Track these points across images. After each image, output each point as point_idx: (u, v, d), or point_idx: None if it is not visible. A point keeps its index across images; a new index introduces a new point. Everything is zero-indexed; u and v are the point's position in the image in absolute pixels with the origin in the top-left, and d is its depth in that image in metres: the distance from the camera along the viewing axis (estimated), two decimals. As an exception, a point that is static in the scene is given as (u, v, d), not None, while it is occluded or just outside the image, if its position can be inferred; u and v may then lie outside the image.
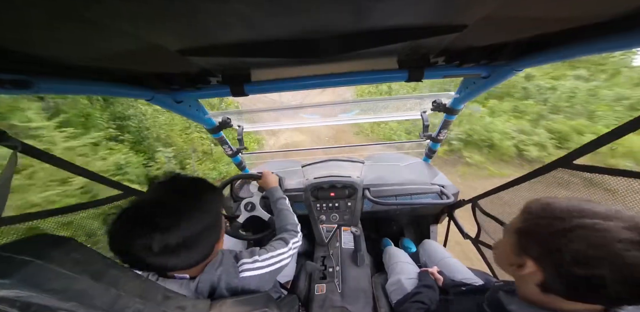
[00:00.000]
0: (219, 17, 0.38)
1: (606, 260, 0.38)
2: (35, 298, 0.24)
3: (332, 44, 0.53)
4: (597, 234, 0.39)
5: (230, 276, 0.63)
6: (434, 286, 0.91)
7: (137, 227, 0.46)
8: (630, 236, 0.38)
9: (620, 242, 0.38)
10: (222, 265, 0.64)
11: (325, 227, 1.41)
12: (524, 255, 0.48)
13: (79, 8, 0.32)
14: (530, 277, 0.47)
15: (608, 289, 0.38)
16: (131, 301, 0.32)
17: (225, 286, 0.62)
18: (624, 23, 0.45)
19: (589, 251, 0.39)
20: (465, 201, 1.37)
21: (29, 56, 0.48)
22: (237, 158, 1.69)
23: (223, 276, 0.62)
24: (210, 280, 0.61)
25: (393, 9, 0.40)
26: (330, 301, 1.05)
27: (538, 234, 0.46)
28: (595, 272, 0.39)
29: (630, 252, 0.37)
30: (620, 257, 0.37)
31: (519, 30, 0.56)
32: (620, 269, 0.37)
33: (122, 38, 0.44)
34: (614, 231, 0.39)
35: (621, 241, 0.38)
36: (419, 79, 0.80)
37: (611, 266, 0.38)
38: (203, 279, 0.60)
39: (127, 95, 0.77)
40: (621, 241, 0.38)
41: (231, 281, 0.63)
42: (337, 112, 1.50)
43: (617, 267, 0.37)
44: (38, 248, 0.30)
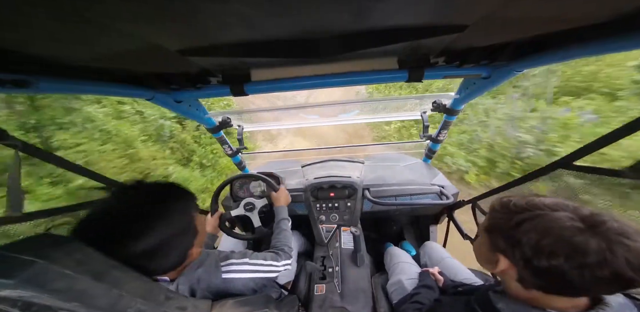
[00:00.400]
0: (219, 17, 0.38)
1: (558, 247, 0.40)
2: (37, 298, 0.24)
3: (332, 44, 0.53)
4: (546, 224, 0.42)
5: (210, 276, 0.63)
6: (433, 287, 0.91)
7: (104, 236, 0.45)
8: (574, 223, 0.40)
9: (566, 229, 0.40)
10: (202, 266, 0.63)
11: (325, 227, 1.41)
12: (495, 252, 0.50)
13: (79, 8, 0.32)
14: (508, 274, 0.49)
15: (569, 277, 0.40)
16: (133, 302, 0.32)
17: (205, 287, 0.61)
18: (624, 24, 0.45)
19: (541, 240, 0.41)
20: (465, 202, 1.37)
21: (30, 56, 0.48)
22: (237, 158, 1.69)
23: (203, 276, 0.62)
24: (189, 281, 0.60)
25: (393, 9, 0.40)
26: (329, 301, 1.05)
27: (500, 229, 0.48)
28: (552, 262, 0.40)
29: (577, 237, 0.39)
30: (569, 243, 0.39)
31: (520, 30, 0.56)
32: (572, 256, 0.39)
33: (122, 38, 0.44)
34: (560, 220, 0.41)
35: (567, 228, 0.40)
36: (419, 80, 0.80)
37: (565, 253, 0.39)
38: (181, 281, 0.59)
39: (127, 95, 0.77)
40: (567, 228, 0.40)
41: (211, 282, 0.62)
42: (338, 112, 1.50)
43: (570, 255, 0.39)
44: (40, 248, 0.30)
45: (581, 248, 0.38)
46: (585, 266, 0.38)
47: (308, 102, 5.55)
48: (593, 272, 0.38)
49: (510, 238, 0.46)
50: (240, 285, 0.67)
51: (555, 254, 0.40)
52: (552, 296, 0.46)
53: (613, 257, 0.37)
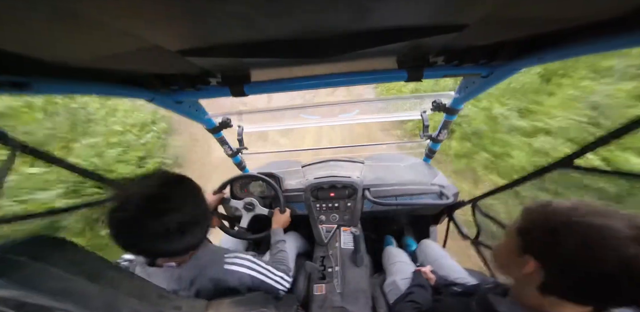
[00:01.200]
0: (218, 17, 0.38)
1: (606, 255, 0.38)
2: (31, 298, 0.24)
3: (331, 44, 0.53)
4: (596, 230, 0.40)
5: (214, 265, 0.66)
6: (426, 286, 0.91)
7: (140, 214, 0.50)
8: (630, 233, 0.38)
9: (619, 238, 0.38)
10: (209, 255, 0.67)
11: (324, 227, 1.41)
12: (525, 254, 0.48)
13: (79, 8, 0.32)
14: (531, 278, 0.47)
15: (609, 286, 0.39)
16: (127, 301, 0.32)
17: (208, 275, 0.64)
18: (624, 22, 0.45)
19: (587, 246, 0.40)
20: (465, 202, 1.37)
21: (29, 57, 0.48)
22: (237, 158, 1.69)
23: (208, 264, 0.65)
24: (194, 267, 0.63)
25: (393, 8, 0.40)
26: (329, 301, 1.05)
27: (537, 231, 0.47)
28: (595, 268, 0.39)
29: (630, 248, 0.37)
30: (620, 252, 0.38)
31: (519, 29, 0.56)
32: (622, 265, 0.37)
33: (121, 39, 0.44)
34: (613, 228, 0.39)
35: (620, 238, 0.38)
36: (419, 79, 0.80)
37: (612, 262, 0.38)
38: (188, 266, 0.63)
39: (127, 96, 0.77)
40: (620, 237, 0.38)
41: (214, 271, 0.65)
42: (338, 112, 1.50)
43: (618, 263, 0.38)
44: (34, 249, 0.30)
45: (630, 257, 0.37)
46: (633, 276, 0.37)
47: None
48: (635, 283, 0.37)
49: (549, 241, 0.44)
50: (237, 278, 0.68)
51: (601, 261, 0.39)
52: (565, 303, 0.45)
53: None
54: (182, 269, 0.62)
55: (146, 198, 0.52)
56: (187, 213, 0.56)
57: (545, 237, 0.45)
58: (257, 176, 1.34)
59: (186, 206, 0.56)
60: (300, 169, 1.59)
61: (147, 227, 0.50)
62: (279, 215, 1.22)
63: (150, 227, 0.50)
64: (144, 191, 0.53)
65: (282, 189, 1.47)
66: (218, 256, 0.68)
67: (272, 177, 1.46)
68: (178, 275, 0.62)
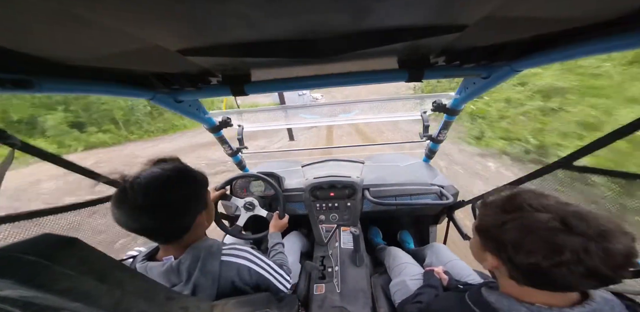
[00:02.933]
0: (218, 17, 0.38)
1: (536, 246, 0.43)
2: (39, 298, 0.24)
3: (332, 44, 0.53)
4: (526, 224, 0.45)
5: (211, 256, 0.66)
6: (437, 286, 0.91)
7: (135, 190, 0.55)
8: (553, 224, 0.42)
9: (545, 229, 0.43)
10: (205, 248, 0.67)
11: (324, 227, 1.41)
12: (485, 250, 0.53)
13: (80, 8, 0.32)
14: (499, 271, 0.51)
15: (549, 273, 0.42)
16: (135, 302, 0.32)
17: (200, 266, 0.64)
18: (625, 23, 0.45)
19: (522, 239, 0.44)
20: (465, 202, 1.37)
21: (30, 56, 0.48)
22: (237, 157, 1.69)
23: (203, 256, 0.65)
24: (191, 259, 0.64)
25: (393, 8, 0.40)
26: (329, 301, 1.05)
27: (487, 229, 0.51)
28: (532, 260, 0.43)
29: (554, 237, 0.41)
30: (547, 243, 0.42)
31: (520, 30, 0.56)
32: (549, 254, 0.41)
33: (122, 38, 0.44)
34: (540, 221, 0.43)
35: (546, 228, 0.43)
36: (419, 79, 0.80)
37: (542, 252, 0.42)
38: (184, 258, 0.63)
39: (128, 95, 0.77)
40: (545, 228, 0.43)
41: (210, 263, 0.65)
42: (338, 112, 1.50)
43: (547, 253, 0.42)
44: (43, 248, 0.30)
45: (557, 247, 0.41)
46: (562, 264, 0.41)
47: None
48: (569, 269, 0.41)
49: (496, 237, 0.49)
50: (235, 270, 0.68)
51: (533, 252, 0.43)
52: (543, 292, 0.48)
53: (587, 256, 0.39)
54: (179, 262, 0.63)
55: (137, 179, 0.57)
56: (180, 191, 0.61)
57: (493, 235, 0.49)
58: (259, 176, 1.35)
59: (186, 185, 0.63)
60: (300, 168, 1.59)
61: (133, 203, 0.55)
62: (278, 220, 1.21)
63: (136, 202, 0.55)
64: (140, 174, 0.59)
65: (283, 188, 1.47)
66: (215, 248, 0.69)
67: (273, 176, 1.46)
68: (177, 267, 0.63)
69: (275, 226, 1.18)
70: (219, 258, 0.67)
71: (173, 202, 0.60)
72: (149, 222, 0.58)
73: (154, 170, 0.61)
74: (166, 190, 0.59)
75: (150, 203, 0.56)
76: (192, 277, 0.62)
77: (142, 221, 0.57)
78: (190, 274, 0.63)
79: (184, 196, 0.62)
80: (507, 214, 0.48)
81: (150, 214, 0.57)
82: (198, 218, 0.66)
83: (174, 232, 0.64)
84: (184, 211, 0.63)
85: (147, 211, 0.56)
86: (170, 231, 0.63)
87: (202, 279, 0.63)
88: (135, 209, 0.56)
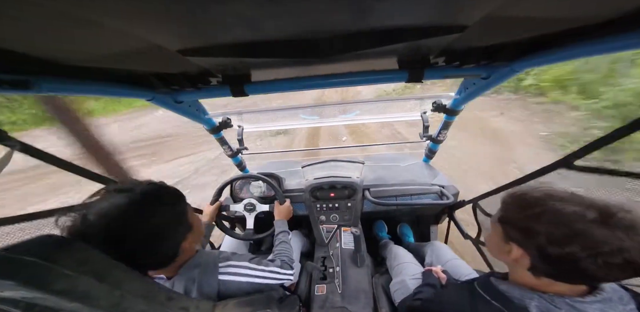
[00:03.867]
0: (219, 17, 0.38)
1: (573, 237, 0.43)
2: (40, 299, 0.24)
3: (332, 45, 0.53)
4: (564, 215, 0.45)
5: (206, 277, 0.63)
6: (436, 285, 0.91)
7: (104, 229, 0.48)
8: (593, 215, 0.43)
9: (584, 221, 0.43)
10: (200, 266, 0.64)
11: (325, 227, 1.41)
12: (509, 241, 0.53)
13: (80, 8, 0.32)
14: (520, 262, 0.52)
15: (582, 265, 0.43)
16: (135, 302, 0.31)
17: (199, 288, 0.61)
18: (625, 24, 0.45)
19: (558, 230, 0.44)
20: (466, 202, 1.37)
21: (29, 56, 0.48)
22: (237, 158, 1.69)
23: (199, 276, 0.62)
24: (184, 281, 0.61)
25: (393, 9, 0.40)
26: (330, 301, 1.05)
27: (516, 220, 0.51)
28: (567, 250, 0.43)
29: (594, 229, 0.42)
30: (585, 234, 0.42)
31: (519, 30, 0.56)
32: (588, 246, 0.42)
33: (122, 38, 0.44)
34: (578, 212, 0.44)
35: (585, 221, 0.43)
36: (419, 80, 0.80)
37: (580, 243, 0.42)
38: (177, 279, 0.61)
39: (127, 96, 0.77)
40: (585, 220, 0.43)
41: (206, 283, 0.62)
42: (337, 112, 1.50)
43: (585, 244, 0.42)
44: (43, 249, 0.30)
45: (596, 239, 0.41)
46: (599, 255, 0.41)
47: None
48: (606, 260, 0.41)
49: (525, 228, 0.49)
50: (235, 288, 0.66)
51: (570, 243, 0.43)
52: (558, 283, 0.49)
53: (625, 248, 0.40)
54: (174, 282, 0.60)
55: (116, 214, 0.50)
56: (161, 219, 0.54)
57: (522, 226, 0.50)
58: (259, 177, 1.34)
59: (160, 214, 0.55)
60: (300, 169, 1.59)
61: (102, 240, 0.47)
62: (280, 206, 1.22)
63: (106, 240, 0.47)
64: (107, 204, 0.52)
65: (283, 189, 1.47)
66: (210, 267, 0.65)
67: (273, 177, 1.46)
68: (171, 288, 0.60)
69: (280, 213, 1.18)
70: (217, 277, 0.64)
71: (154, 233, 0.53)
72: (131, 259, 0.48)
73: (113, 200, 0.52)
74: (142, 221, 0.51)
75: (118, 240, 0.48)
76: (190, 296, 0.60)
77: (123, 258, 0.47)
78: (186, 294, 0.61)
79: (164, 222, 0.55)
80: (537, 205, 0.48)
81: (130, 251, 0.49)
82: (183, 244, 0.61)
83: (161, 263, 0.58)
84: (167, 239, 0.56)
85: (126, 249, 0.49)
86: (156, 263, 0.57)
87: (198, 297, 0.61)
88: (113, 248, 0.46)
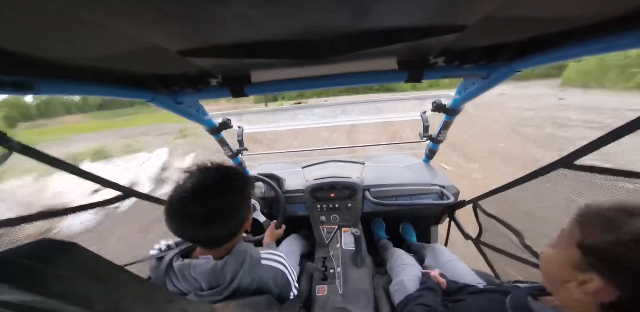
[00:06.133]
0: (218, 18, 0.38)
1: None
2: (38, 303, 0.24)
3: (332, 45, 0.53)
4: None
5: (253, 261, 0.67)
6: (436, 289, 0.90)
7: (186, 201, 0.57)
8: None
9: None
10: (246, 250, 0.68)
11: (325, 228, 1.41)
12: (589, 271, 0.43)
13: (80, 9, 0.32)
14: (594, 295, 0.43)
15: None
16: (133, 305, 0.31)
17: (248, 271, 0.65)
18: (624, 23, 0.45)
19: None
20: (467, 202, 1.37)
21: (30, 57, 0.48)
22: (237, 159, 1.69)
23: (247, 258, 0.66)
24: (234, 262, 0.65)
25: (393, 9, 0.40)
26: (331, 302, 1.05)
27: (611, 251, 0.41)
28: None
29: None
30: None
31: (519, 30, 0.56)
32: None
33: (122, 39, 0.44)
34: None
35: None
36: (419, 80, 0.80)
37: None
38: (230, 260, 0.64)
39: (127, 96, 0.77)
40: None
41: (254, 267, 0.67)
42: (337, 113, 1.50)
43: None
44: (41, 252, 0.30)
45: None
46: None
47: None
48: None
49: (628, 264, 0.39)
50: (272, 274, 0.70)
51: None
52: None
53: None
54: (224, 263, 0.64)
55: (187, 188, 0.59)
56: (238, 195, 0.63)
57: (627, 257, 0.39)
58: (259, 177, 1.34)
59: (237, 190, 0.63)
60: (301, 170, 1.59)
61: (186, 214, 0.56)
62: (274, 230, 1.21)
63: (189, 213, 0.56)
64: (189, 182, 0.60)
65: (283, 190, 1.47)
66: (256, 252, 0.70)
67: (273, 178, 1.46)
68: (221, 268, 0.63)
69: (271, 235, 1.19)
70: (260, 261, 0.69)
71: (225, 209, 0.60)
72: (202, 231, 0.59)
73: (200, 177, 0.61)
74: (218, 197, 0.59)
75: (204, 212, 0.57)
76: (235, 279, 0.64)
77: (195, 230, 0.58)
78: (233, 277, 0.64)
79: (234, 201, 0.63)
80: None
81: (204, 223, 0.58)
82: (245, 223, 0.68)
83: (223, 238, 0.65)
84: (234, 217, 0.63)
85: (200, 220, 0.57)
86: (220, 238, 0.64)
87: (245, 281, 0.64)
88: (188, 220, 0.57)
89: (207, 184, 0.60)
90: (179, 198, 0.57)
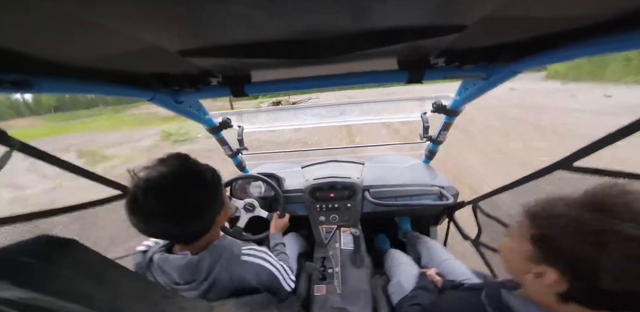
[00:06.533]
0: (219, 17, 0.38)
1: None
2: (36, 300, 0.24)
3: (332, 45, 0.53)
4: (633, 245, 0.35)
5: (232, 255, 0.66)
6: (430, 288, 0.91)
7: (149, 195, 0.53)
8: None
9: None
10: (227, 246, 0.67)
11: (324, 228, 1.41)
12: (543, 264, 0.43)
13: (80, 9, 0.32)
14: (551, 286, 0.43)
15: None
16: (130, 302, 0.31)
17: (225, 267, 0.64)
18: (625, 24, 0.45)
19: (626, 264, 0.35)
20: (466, 203, 1.37)
21: (30, 56, 0.48)
22: (237, 158, 1.69)
23: (225, 254, 0.65)
24: (211, 256, 0.64)
25: (393, 9, 0.40)
26: (330, 302, 1.05)
27: (562, 243, 0.41)
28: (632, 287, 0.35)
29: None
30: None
31: (520, 30, 0.56)
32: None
33: (122, 38, 0.44)
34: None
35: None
36: (419, 80, 0.80)
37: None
38: (205, 256, 0.63)
39: (127, 95, 0.77)
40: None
41: (231, 263, 0.65)
42: (337, 113, 1.50)
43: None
44: (39, 250, 0.30)
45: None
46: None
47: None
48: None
49: (577, 256, 0.39)
50: (254, 272, 0.68)
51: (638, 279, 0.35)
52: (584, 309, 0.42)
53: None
54: (200, 258, 0.63)
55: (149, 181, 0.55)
56: (205, 190, 0.60)
57: (575, 254, 0.39)
58: (259, 177, 1.34)
59: (205, 185, 0.60)
60: (300, 169, 1.59)
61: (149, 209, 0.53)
62: (278, 220, 1.22)
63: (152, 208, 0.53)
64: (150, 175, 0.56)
65: (283, 190, 1.47)
66: (235, 247, 0.69)
67: (273, 177, 1.46)
68: (196, 263, 0.62)
69: (276, 226, 1.19)
70: (240, 258, 0.68)
71: (190, 206, 0.57)
72: (166, 228, 0.57)
73: (162, 170, 0.56)
74: (181, 194, 0.56)
75: (166, 209, 0.54)
76: (211, 275, 0.63)
77: (158, 227, 0.56)
78: (210, 272, 0.63)
79: (201, 198, 0.59)
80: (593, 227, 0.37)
81: (167, 220, 0.55)
82: (217, 219, 0.66)
83: (193, 235, 0.63)
84: (203, 214, 0.61)
85: (163, 217, 0.54)
86: (189, 234, 0.62)
87: (221, 277, 0.63)
88: (151, 216, 0.54)
89: (171, 180, 0.56)
90: (140, 194, 0.53)
